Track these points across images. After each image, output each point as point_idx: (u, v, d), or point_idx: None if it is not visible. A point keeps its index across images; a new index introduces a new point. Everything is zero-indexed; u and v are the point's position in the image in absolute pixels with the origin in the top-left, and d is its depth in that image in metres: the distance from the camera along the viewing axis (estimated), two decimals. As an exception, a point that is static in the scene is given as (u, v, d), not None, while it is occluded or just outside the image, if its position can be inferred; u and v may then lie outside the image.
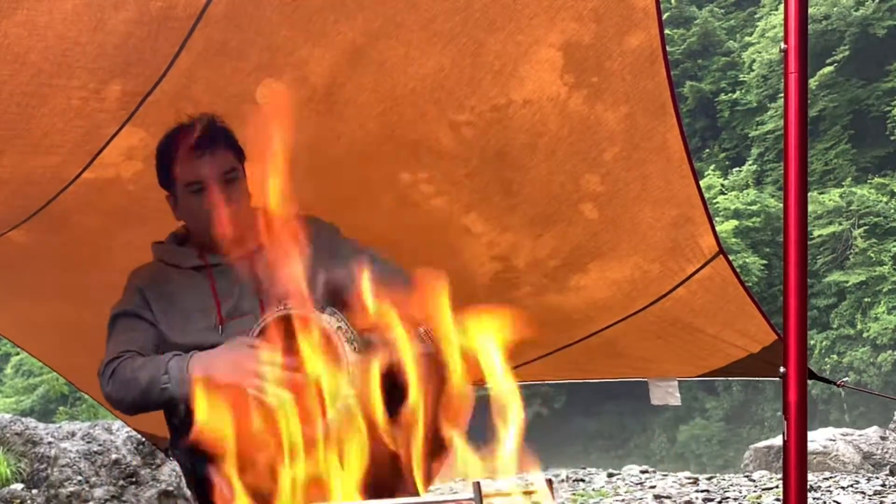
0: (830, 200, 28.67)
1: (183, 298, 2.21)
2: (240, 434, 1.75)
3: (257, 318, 2.01)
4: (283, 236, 1.93)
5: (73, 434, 5.78)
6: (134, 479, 5.67)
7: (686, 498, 5.63)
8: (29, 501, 5.22)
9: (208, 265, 2.24)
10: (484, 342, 1.61)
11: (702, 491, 6.04)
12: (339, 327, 1.88)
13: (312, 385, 1.78)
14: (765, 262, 28.80)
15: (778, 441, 7.78)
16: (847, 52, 31.10)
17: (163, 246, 2.33)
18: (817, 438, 7.55)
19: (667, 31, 3.79)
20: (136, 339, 2.18)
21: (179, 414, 2.07)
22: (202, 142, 2.16)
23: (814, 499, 5.18)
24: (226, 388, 1.85)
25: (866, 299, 27.72)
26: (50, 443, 5.59)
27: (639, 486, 6.48)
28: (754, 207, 30.28)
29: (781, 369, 2.10)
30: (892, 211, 28.43)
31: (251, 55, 2.22)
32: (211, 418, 1.76)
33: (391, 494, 1.68)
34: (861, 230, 28.30)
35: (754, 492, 5.91)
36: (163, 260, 2.30)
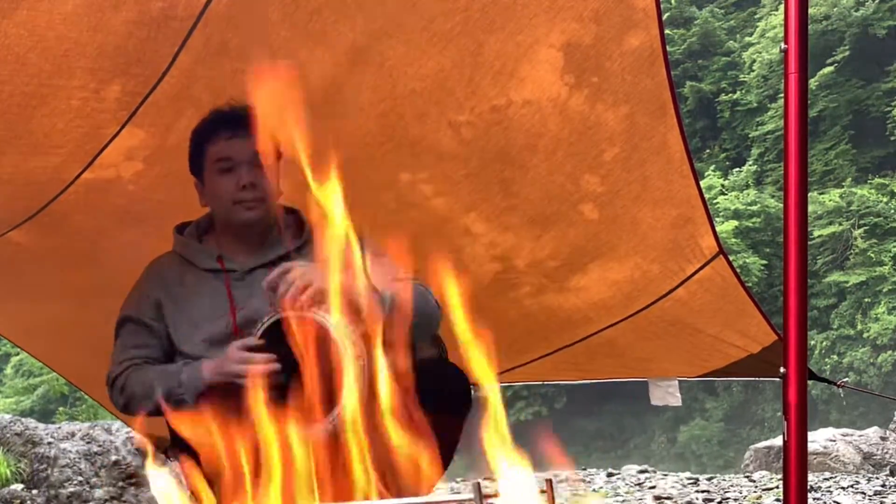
0: (830, 200, 28.66)
1: (193, 306, 2.17)
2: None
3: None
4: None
5: (73, 434, 5.77)
6: (134, 480, 5.66)
7: (687, 498, 5.63)
8: (29, 502, 5.22)
9: (226, 270, 2.19)
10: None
11: (702, 491, 6.03)
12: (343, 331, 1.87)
13: (314, 386, 1.76)
14: (765, 262, 28.78)
15: (778, 441, 7.77)
16: (847, 53, 31.08)
17: (183, 238, 2.27)
18: (817, 439, 7.53)
19: (667, 31, 3.78)
20: (143, 347, 2.19)
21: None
22: (236, 123, 2.14)
23: (814, 499, 5.17)
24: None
25: (866, 299, 27.71)
26: (50, 443, 5.58)
27: (638, 487, 6.47)
28: (754, 208, 30.26)
29: (781, 369, 2.10)
30: (892, 211, 28.42)
31: (251, 55, 2.22)
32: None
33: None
34: (861, 230, 28.30)
35: (754, 492, 5.91)
36: (181, 254, 2.25)
